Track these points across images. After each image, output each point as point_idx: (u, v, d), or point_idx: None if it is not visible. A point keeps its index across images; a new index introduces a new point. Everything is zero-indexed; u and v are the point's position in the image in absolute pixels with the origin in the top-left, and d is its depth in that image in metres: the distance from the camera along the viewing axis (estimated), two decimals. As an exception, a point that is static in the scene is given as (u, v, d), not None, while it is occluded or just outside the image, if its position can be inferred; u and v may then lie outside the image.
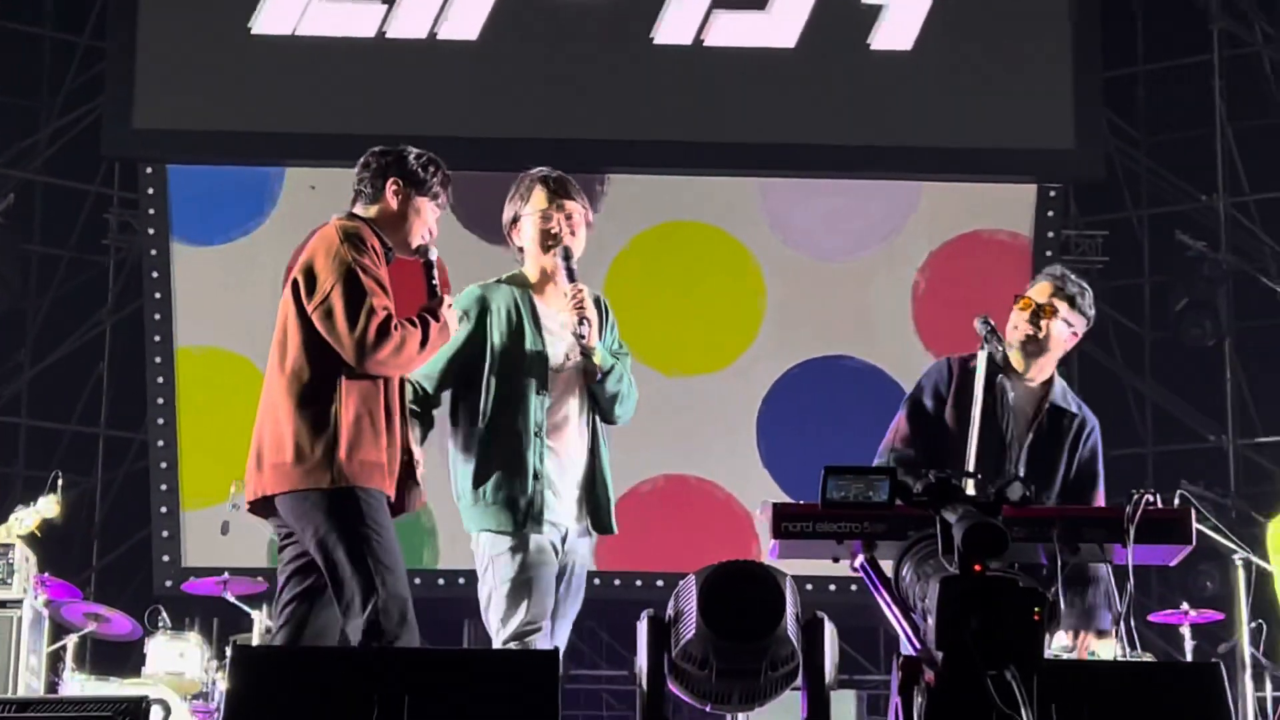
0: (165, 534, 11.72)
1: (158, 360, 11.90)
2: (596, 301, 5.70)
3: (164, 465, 11.80)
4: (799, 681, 4.09)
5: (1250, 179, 13.30)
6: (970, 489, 4.79)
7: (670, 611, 4.07)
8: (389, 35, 11.99)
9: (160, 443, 11.84)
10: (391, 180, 5.51)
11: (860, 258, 12.18)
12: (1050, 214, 12.25)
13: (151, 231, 12.03)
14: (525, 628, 5.38)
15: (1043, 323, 5.99)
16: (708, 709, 4.16)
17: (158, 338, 11.90)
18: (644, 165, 11.91)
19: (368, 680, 4.12)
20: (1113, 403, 13.68)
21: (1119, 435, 13.61)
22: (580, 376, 5.64)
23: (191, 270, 11.98)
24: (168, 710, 8.00)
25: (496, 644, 5.45)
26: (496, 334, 5.58)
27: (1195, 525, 4.76)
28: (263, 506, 5.37)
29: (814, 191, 12.22)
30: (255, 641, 9.28)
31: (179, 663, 9.30)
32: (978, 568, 3.26)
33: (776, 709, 4.25)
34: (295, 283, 5.35)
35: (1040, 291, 6.07)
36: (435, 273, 5.49)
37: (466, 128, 11.89)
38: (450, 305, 5.42)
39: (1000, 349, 5.94)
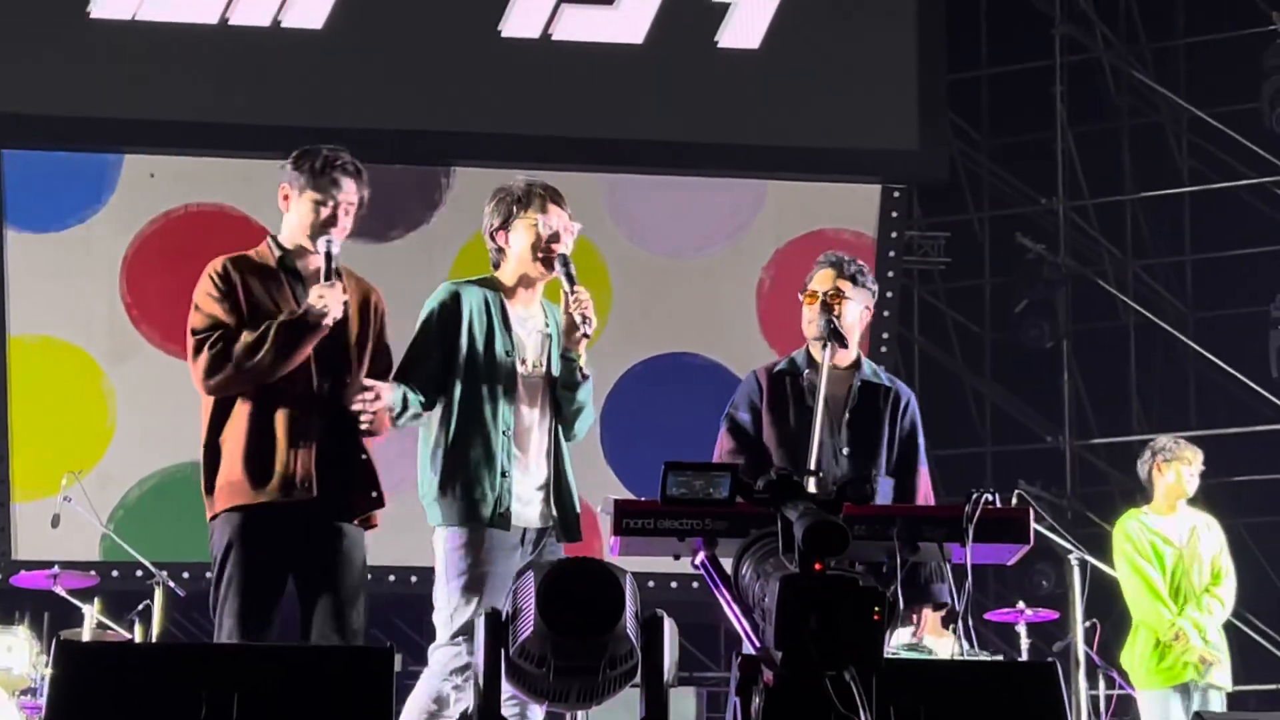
0: (-5, 526, 11.49)
1: (-11, 349, 11.66)
2: None
3: (-7, 456, 11.56)
4: (638, 679, 4.05)
5: (1089, 183, 13.52)
6: (812, 487, 4.78)
7: (508, 608, 4.01)
8: (232, 22, 11.78)
9: (-10, 433, 11.60)
10: (280, 186, 5.61)
11: (706, 255, 12.19)
12: (894, 214, 12.32)
13: (-16, 217, 11.77)
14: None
15: (836, 309, 6.01)
16: (544, 707, 4.12)
17: (-11, 326, 11.66)
18: (490, 159, 11.79)
19: (195, 677, 4.02)
20: (952, 402, 13.85)
21: (957, 434, 13.79)
22: (545, 384, 5.68)
23: (26, 257, 11.71)
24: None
25: (443, 638, 5.45)
26: (466, 334, 5.59)
27: (1033, 525, 4.79)
28: None
29: (660, 188, 12.21)
30: (86, 636, 9.12)
31: (6, 658, 9.10)
32: (818, 566, 3.24)
33: (615, 707, 4.21)
34: None
35: (823, 280, 6.07)
36: (323, 266, 5.43)
37: (311, 118, 11.70)
38: (321, 298, 5.34)
39: (840, 346, 5.98)
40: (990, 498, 4.59)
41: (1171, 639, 8.18)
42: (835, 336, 5.91)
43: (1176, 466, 8.45)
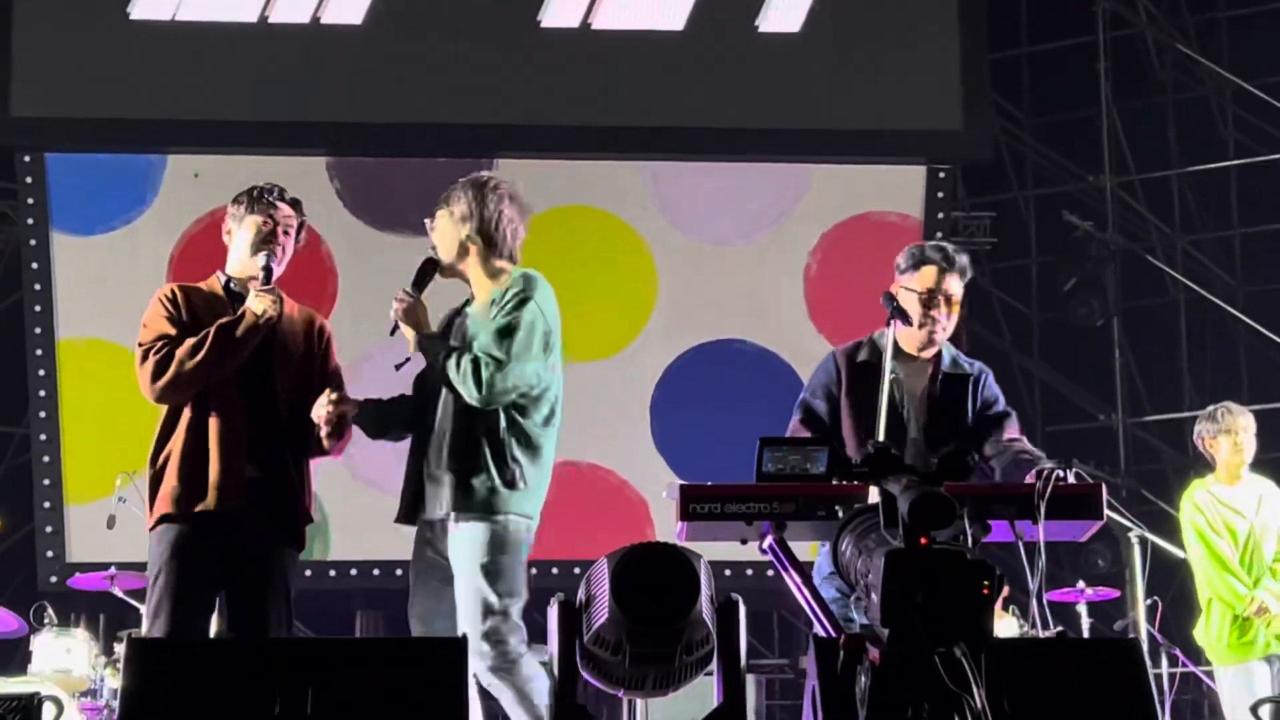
0: (49, 529, 11.49)
1: (39, 352, 11.67)
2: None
3: (46, 459, 11.56)
4: (713, 665, 4.01)
5: (1135, 159, 13.41)
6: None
7: (581, 596, 3.98)
8: (271, 20, 11.80)
9: (42, 436, 11.60)
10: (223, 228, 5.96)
11: (752, 241, 12.13)
12: (940, 195, 12.24)
13: (30, 221, 11.78)
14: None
15: (943, 308, 5.91)
16: (621, 694, 4.09)
17: (38, 329, 11.67)
18: (532, 150, 11.78)
19: (269, 672, 4.01)
20: (1001, 383, 13.54)
21: (1009, 416, 13.67)
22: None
23: (72, 260, 11.75)
24: (61, 707, 7.81)
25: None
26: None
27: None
28: None
29: (704, 175, 12.16)
30: (145, 637, 9.11)
31: (66, 660, 9.09)
32: (923, 540, 3.18)
33: (688, 693, 4.18)
34: None
35: (928, 278, 5.87)
36: (260, 276, 5.71)
37: (352, 113, 11.75)
38: (258, 299, 5.61)
39: (905, 325, 5.88)
40: (1062, 474, 4.53)
41: (1253, 612, 7.98)
42: (899, 313, 5.83)
43: (1224, 440, 8.25)
